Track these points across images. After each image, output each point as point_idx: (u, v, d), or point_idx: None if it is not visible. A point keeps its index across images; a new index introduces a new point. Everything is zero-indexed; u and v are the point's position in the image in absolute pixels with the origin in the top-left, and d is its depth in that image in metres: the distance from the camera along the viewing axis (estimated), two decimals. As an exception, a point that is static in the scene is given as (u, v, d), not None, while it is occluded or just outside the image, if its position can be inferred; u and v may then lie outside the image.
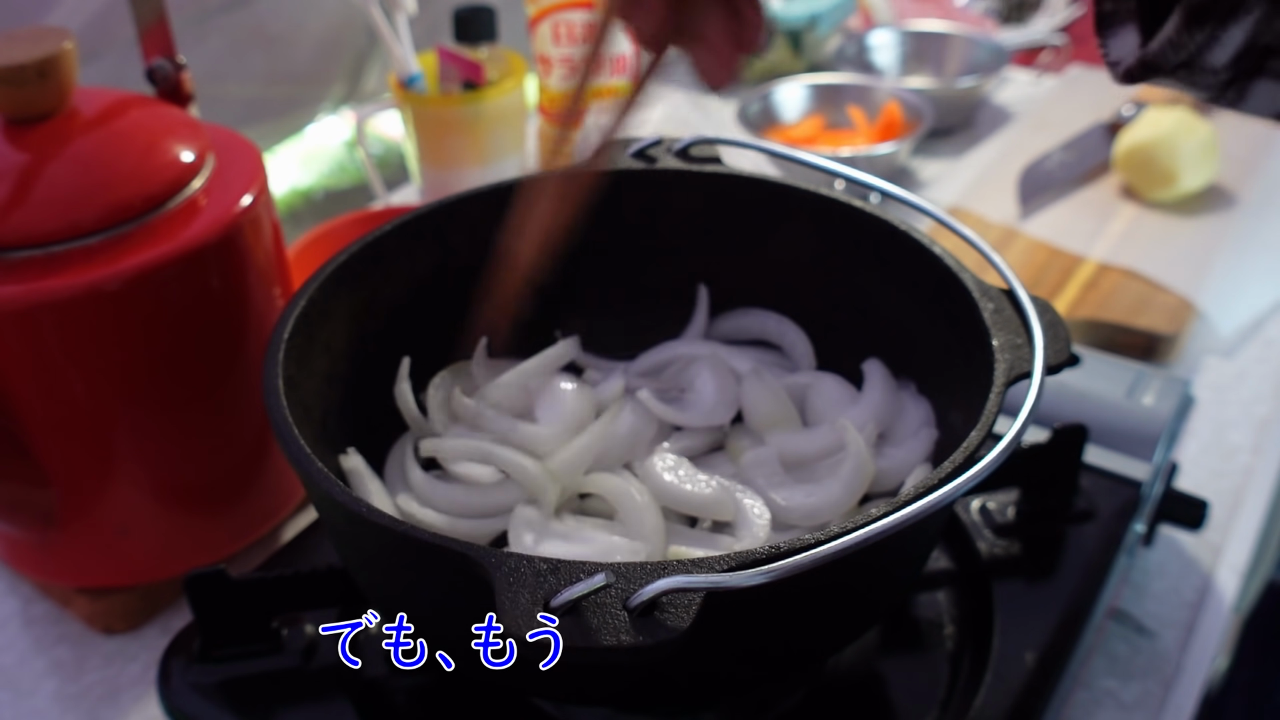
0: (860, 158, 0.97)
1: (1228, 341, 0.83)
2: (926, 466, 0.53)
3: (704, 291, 0.63)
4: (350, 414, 0.54)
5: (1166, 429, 0.62)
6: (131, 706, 0.59)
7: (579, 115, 0.47)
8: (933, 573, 0.57)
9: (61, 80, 0.55)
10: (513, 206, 0.52)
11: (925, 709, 0.51)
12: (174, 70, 0.63)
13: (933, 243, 0.53)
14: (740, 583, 0.36)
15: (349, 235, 0.67)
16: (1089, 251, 0.90)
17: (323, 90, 1.08)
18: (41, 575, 0.64)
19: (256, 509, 0.65)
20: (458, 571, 0.38)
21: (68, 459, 0.57)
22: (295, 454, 0.43)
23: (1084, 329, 0.82)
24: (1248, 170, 1.00)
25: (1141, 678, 0.59)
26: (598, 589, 0.35)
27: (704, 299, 0.63)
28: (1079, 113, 1.08)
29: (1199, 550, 0.66)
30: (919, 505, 0.38)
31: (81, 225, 0.53)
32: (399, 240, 0.57)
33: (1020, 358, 0.46)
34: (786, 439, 0.56)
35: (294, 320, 0.50)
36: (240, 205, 0.57)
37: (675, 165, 0.61)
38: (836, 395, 0.58)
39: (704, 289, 0.63)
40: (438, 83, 0.90)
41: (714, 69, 0.43)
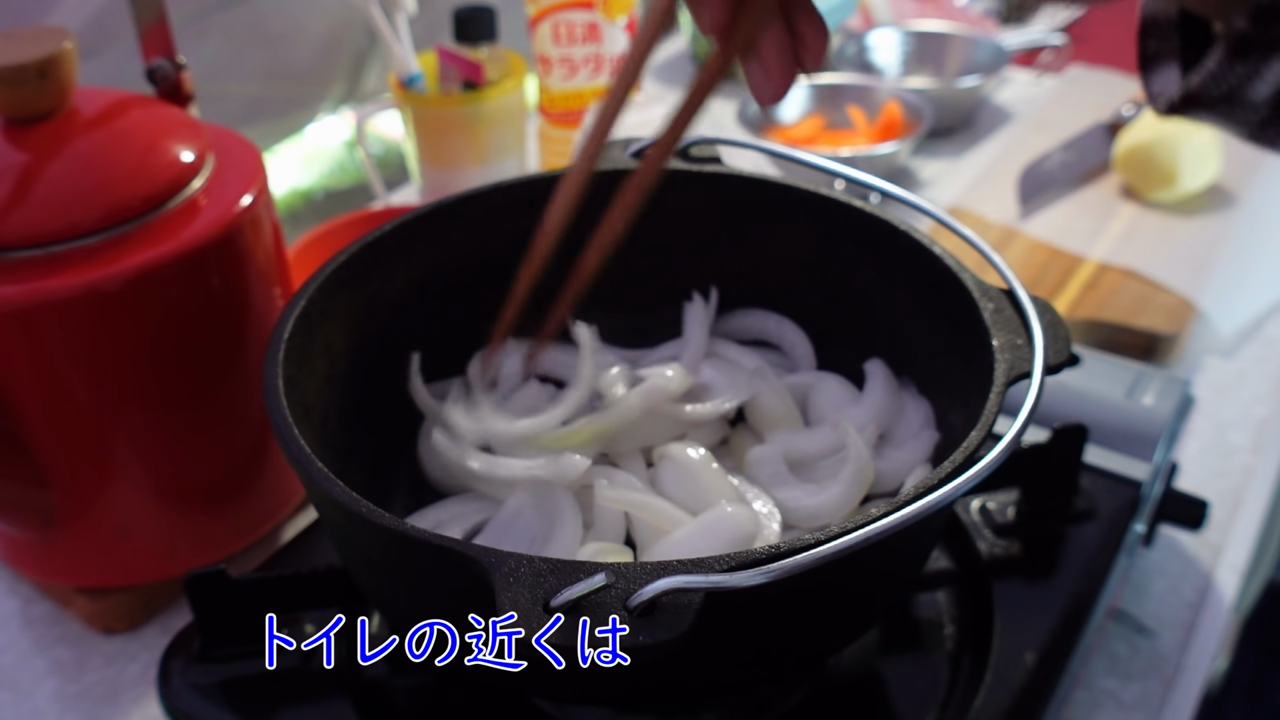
0: (860, 158, 0.97)
1: (1228, 341, 0.83)
2: (927, 467, 0.53)
3: (714, 292, 0.63)
4: (350, 414, 0.54)
5: (1166, 429, 0.62)
6: (131, 706, 0.59)
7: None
8: (933, 573, 0.57)
9: (61, 80, 0.55)
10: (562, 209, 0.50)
11: (925, 709, 0.51)
12: (174, 70, 0.63)
13: (933, 243, 0.53)
14: (740, 583, 0.36)
15: (349, 235, 0.67)
16: (1089, 251, 0.90)
17: (323, 90, 1.08)
18: (41, 575, 0.64)
19: (256, 509, 0.65)
20: (458, 571, 0.38)
21: (68, 459, 0.57)
22: (295, 454, 0.43)
23: (1084, 329, 0.82)
24: (1248, 170, 1.00)
25: (1141, 678, 0.59)
26: (598, 589, 0.35)
27: (713, 299, 0.63)
28: (1079, 113, 1.08)
29: (1199, 550, 0.66)
30: (919, 505, 0.38)
31: (81, 225, 0.53)
32: (399, 240, 0.57)
33: (1020, 358, 0.46)
34: (789, 439, 0.56)
35: (294, 320, 0.50)
36: (240, 205, 0.57)
37: (675, 165, 0.61)
38: (838, 395, 0.58)
39: (715, 290, 0.63)
40: (438, 83, 0.90)
41: (763, 85, 0.43)
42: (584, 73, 0.95)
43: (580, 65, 0.94)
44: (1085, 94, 1.14)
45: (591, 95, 0.95)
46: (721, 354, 0.61)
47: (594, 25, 0.93)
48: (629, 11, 0.94)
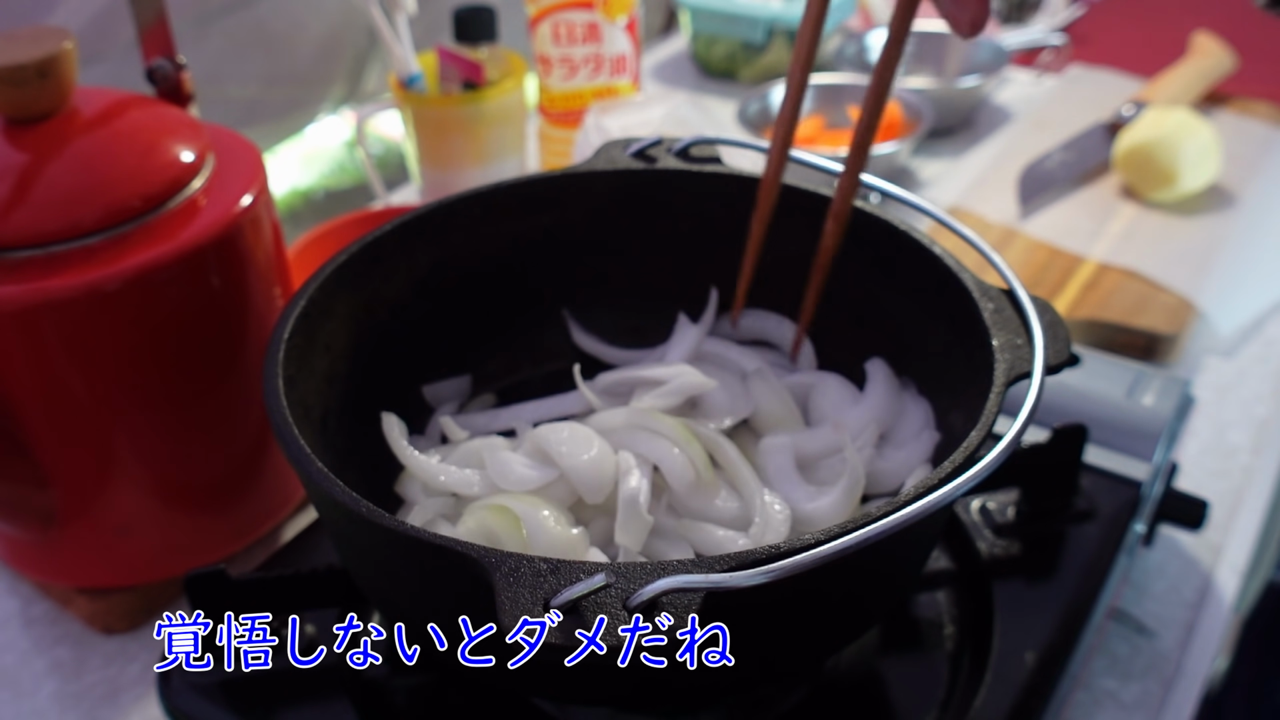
0: (860, 158, 0.97)
1: (1228, 341, 0.83)
2: (927, 467, 0.53)
3: (714, 293, 0.63)
4: (350, 414, 0.54)
5: (1166, 429, 0.62)
6: (131, 706, 0.59)
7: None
8: (933, 573, 0.57)
9: (61, 80, 0.55)
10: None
11: (925, 709, 0.51)
12: (174, 70, 0.63)
13: (933, 243, 0.53)
14: (740, 583, 0.36)
15: (349, 235, 0.67)
16: (1089, 251, 0.90)
17: (323, 91, 1.08)
18: (41, 575, 0.64)
19: (256, 509, 0.65)
20: (458, 571, 0.38)
21: (68, 459, 0.57)
22: (295, 454, 0.43)
23: (1084, 329, 0.82)
24: (1248, 170, 1.00)
25: (1141, 678, 0.59)
26: (598, 589, 0.35)
27: (713, 301, 0.63)
28: (1079, 113, 1.08)
29: (1199, 550, 0.66)
30: (919, 505, 0.38)
31: (81, 225, 0.53)
32: (399, 240, 0.57)
33: (1020, 358, 0.46)
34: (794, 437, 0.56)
35: (294, 320, 0.50)
36: (240, 205, 0.57)
37: (675, 165, 0.61)
38: (839, 395, 0.58)
39: (714, 291, 0.63)
40: (438, 83, 0.90)
41: (958, 15, 0.44)
42: (584, 73, 0.95)
43: (580, 65, 0.94)
44: (1085, 94, 1.14)
45: (591, 95, 0.95)
46: (720, 356, 0.61)
47: (594, 25, 0.93)
48: (629, 11, 0.94)
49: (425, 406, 0.60)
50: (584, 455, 0.51)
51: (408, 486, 0.55)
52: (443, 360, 0.61)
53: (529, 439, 0.53)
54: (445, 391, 0.61)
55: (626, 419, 0.54)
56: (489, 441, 0.55)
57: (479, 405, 0.62)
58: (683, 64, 1.29)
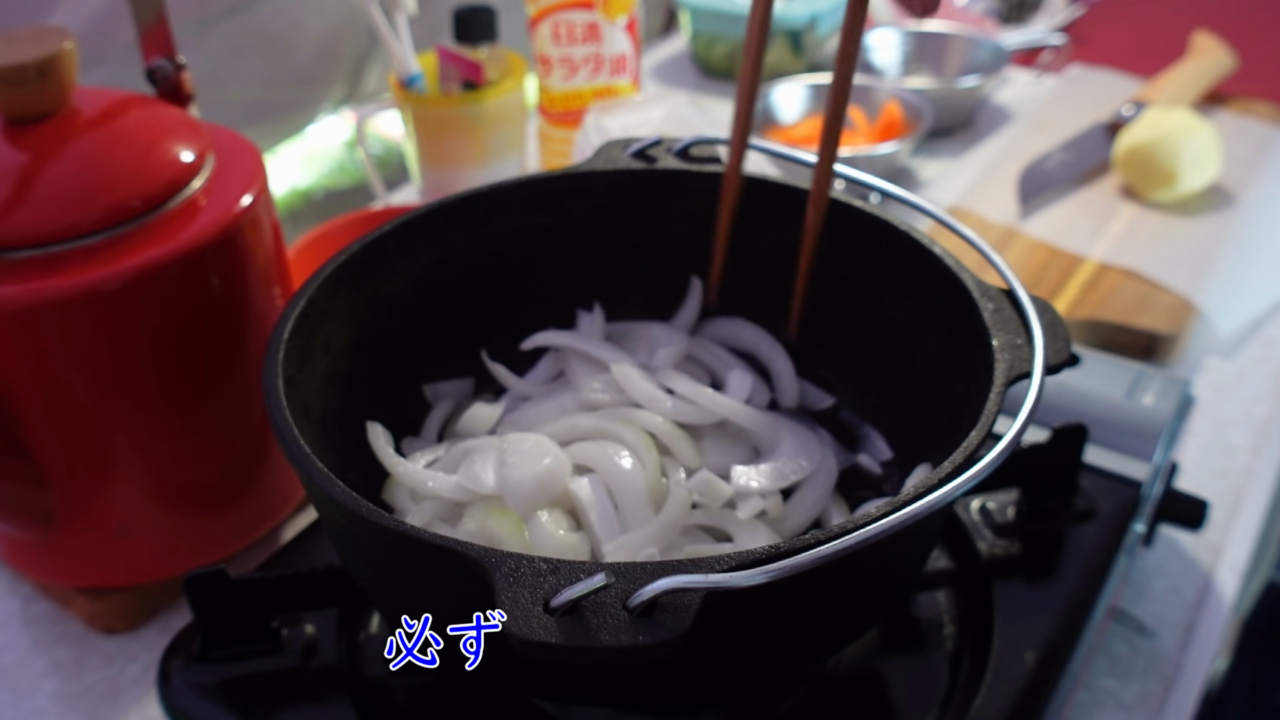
0: (860, 158, 0.97)
1: (1228, 341, 0.83)
2: (927, 467, 0.53)
3: (696, 284, 0.63)
4: (350, 414, 0.54)
5: (1166, 429, 0.62)
6: (131, 706, 0.59)
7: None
8: (933, 573, 0.57)
9: (61, 80, 0.55)
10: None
11: (925, 709, 0.51)
12: (174, 70, 0.63)
13: (933, 243, 0.53)
14: (740, 583, 0.36)
15: (349, 235, 0.67)
16: (1089, 251, 0.90)
17: (323, 91, 1.08)
18: (41, 575, 0.64)
19: (256, 509, 0.65)
20: (457, 571, 0.38)
21: (68, 459, 0.57)
22: (295, 454, 0.43)
23: (1084, 329, 0.82)
24: (1248, 170, 1.00)
25: (1141, 678, 0.59)
26: (598, 589, 0.35)
27: (696, 290, 0.63)
28: (1079, 113, 1.08)
29: (1199, 550, 0.66)
30: (919, 505, 0.38)
31: (81, 225, 0.53)
32: (399, 240, 0.57)
33: (1020, 358, 0.46)
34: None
35: (294, 320, 0.50)
36: (240, 205, 0.57)
37: (675, 165, 0.61)
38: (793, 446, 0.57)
39: (696, 281, 0.63)
40: (438, 83, 0.90)
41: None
42: (584, 73, 0.95)
43: (580, 65, 0.94)
44: (1085, 94, 1.14)
45: (591, 95, 0.95)
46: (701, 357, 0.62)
47: (594, 25, 0.93)
48: (629, 11, 0.94)
49: (425, 406, 0.60)
50: (529, 470, 0.51)
51: (395, 494, 0.55)
52: (442, 360, 0.61)
53: (497, 445, 0.53)
54: (445, 391, 0.61)
55: (596, 423, 0.55)
56: (480, 443, 0.55)
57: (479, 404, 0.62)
58: (683, 64, 1.29)
